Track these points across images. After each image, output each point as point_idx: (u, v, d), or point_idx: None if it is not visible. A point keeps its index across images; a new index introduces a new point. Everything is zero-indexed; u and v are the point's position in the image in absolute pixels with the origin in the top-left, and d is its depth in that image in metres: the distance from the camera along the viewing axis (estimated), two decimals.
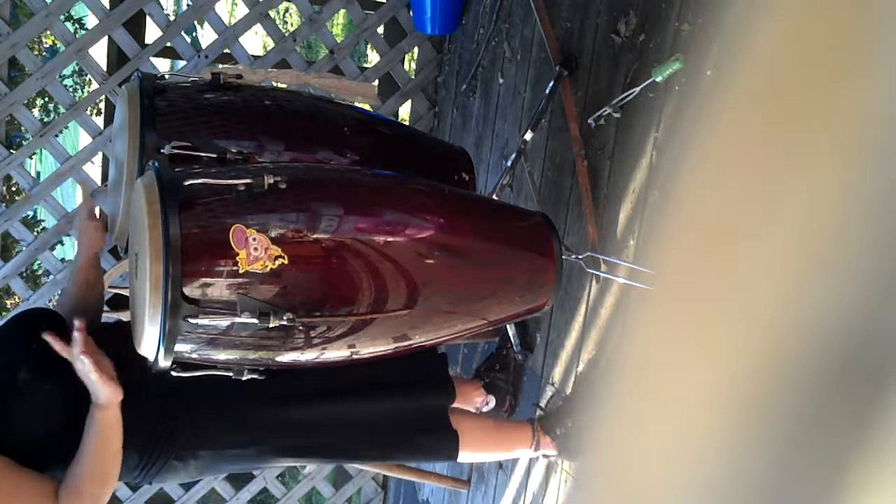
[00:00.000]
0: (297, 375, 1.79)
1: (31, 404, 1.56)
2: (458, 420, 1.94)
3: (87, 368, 1.49)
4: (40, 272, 5.06)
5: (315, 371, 1.80)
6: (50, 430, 1.56)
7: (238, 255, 1.37)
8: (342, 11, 3.40)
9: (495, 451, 2.14)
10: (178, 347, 1.41)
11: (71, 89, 5.72)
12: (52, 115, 5.20)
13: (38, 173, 7.75)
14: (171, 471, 1.70)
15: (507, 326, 2.31)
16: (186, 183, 1.42)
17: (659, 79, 1.73)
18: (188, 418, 1.70)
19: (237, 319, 1.38)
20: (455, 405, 1.99)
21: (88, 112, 3.32)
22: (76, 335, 1.50)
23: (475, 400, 2.28)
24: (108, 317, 3.01)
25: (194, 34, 7.87)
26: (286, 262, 1.40)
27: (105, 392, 1.51)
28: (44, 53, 5.29)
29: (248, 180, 1.42)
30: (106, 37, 3.13)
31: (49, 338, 1.53)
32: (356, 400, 1.84)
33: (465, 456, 1.98)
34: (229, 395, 1.73)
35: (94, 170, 3.57)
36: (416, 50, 3.38)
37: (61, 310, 1.77)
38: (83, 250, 1.82)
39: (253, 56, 3.25)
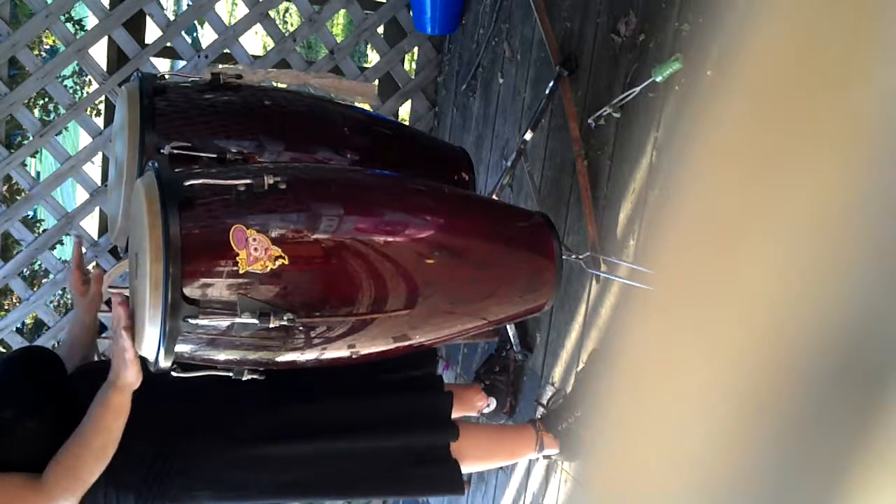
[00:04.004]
0: (298, 411, 1.77)
1: (10, 442, 1.53)
2: (461, 433, 1.91)
3: (126, 345, 1.47)
4: (40, 272, 5.06)
5: (316, 407, 1.79)
6: (28, 468, 1.52)
7: (238, 255, 1.37)
8: (342, 11, 3.40)
9: (501, 460, 2.14)
10: (179, 348, 1.41)
11: (71, 90, 5.72)
12: (52, 115, 5.20)
13: (38, 173, 7.75)
14: None
15: (507, 327, 2.31)
16: (186, 183, 1.42)
17: (659, 79, 1.73)
18: (184, 458, 1.66)
19: (237, 320, 1.37)
20: (456, 412, 1.97)
21: (88, 112, 3.32)
22: (119, 310, 1.48)
23: (476, 404, 2.28)
24: (109, 317, 3.01)
25: (194, 34, 7.87)
26: (286, 262, 1.40)
27: (132, 373, 1.49)
28: (43, 54, 5.29)
29: (248, 180, 1.42)
30: (106, 37, 3.13)
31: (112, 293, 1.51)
32: (357, 437, 1.81)
33: (472, 468, 1.97)
34: (228, 432, 1.71)
35: (94, 170, 3.57)
36: (416, 50, 3.38)
37: (63, 354, 1.77)
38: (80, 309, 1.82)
39: (253, 56, 3.25)
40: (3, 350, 3.33)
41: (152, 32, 3.24)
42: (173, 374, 1.46)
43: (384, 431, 1.83)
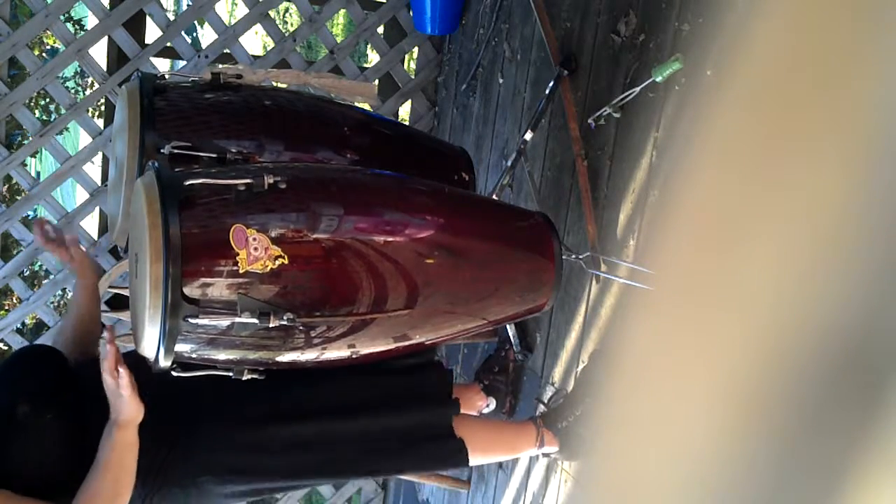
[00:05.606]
0: (298, 393, 1.77)
1: (31, 436, 1.54)
2: (461, 425, 1.90)
3: (122, 383, 1.46)
4: (40, 272, 5.06)
5: (316, 389, 1.79)
6: (51, 461, 1.54)
7: (238, 255, 1.38)
8: (342, 11, 3.40)
9: (501, 454, 2.13)
10: (179, 347, 1.41)
11: (73, 91, 5.72)
12: (52, 116, 5.20)
13: (38, 173, 7.74)
14: (172, 500, 1.66)
15: (507, 327, 2.31)
16: (186, 183, 1.42)
17: (659, 79, 1.73)
18: (186, 445, 1.66)
19: (237, 319, 1.38)
20: None
21: (88, 112, 3.32)
22: (108, 348, 1.47)
23: (476, 404, 2.28)
24: (109, 317, 3.01)
25: (194, 34, 7.87)
26: (286, 262, 1.40)
27: (132, 409, 1.49)
28: (44, 55, 5.29)
29: (248, 180, 1.42)
30: (106, 37, 3.13)
31: (106, 336, 1.50)
32: (358, 415, 1.80)
33: (472, 460, 1.97)
34: (229, 417, 1.71)
35: (94, 170, 3.57)
36: (416, 50, 3.38)
37: (61, 345, 1.76)
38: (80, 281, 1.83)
39: (253, 56, 3.25)
40: (5, 348, 3.33)
41: (152, 32, 3.24)
42: (173, 373, 1.46)
43: (385, 410, 1.83)
